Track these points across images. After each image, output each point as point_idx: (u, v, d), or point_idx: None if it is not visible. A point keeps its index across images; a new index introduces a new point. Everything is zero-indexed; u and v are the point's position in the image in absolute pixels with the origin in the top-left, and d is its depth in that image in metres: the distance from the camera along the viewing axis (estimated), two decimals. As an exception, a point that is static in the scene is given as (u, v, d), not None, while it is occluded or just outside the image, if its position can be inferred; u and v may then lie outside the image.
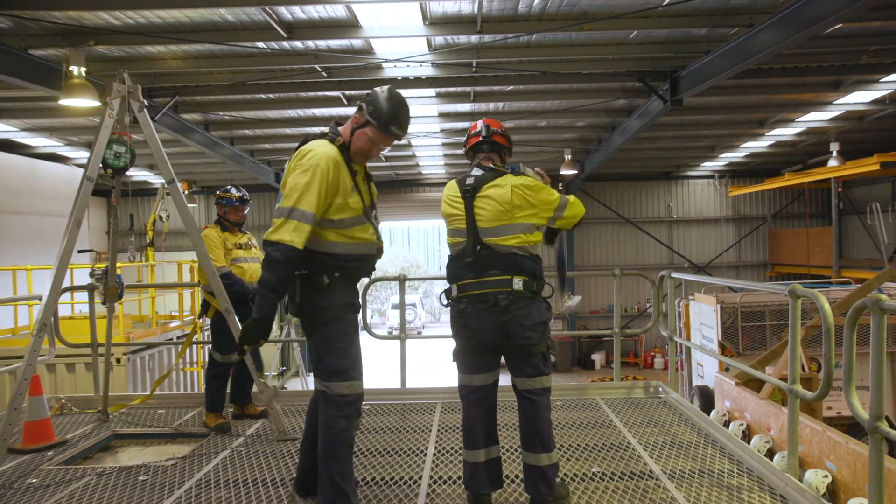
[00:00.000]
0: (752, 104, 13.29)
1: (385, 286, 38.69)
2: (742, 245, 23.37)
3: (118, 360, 9.95)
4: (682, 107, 10.92)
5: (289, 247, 3.07)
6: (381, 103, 3.24)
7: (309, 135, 3.41)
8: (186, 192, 18.76)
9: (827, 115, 14.04)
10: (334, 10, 7.92)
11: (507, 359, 3.59)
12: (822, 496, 4.55)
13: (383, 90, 3.30)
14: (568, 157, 16.19)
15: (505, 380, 3.74)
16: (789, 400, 3.83)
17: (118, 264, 5.57)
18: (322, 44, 9.04)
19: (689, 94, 10.41)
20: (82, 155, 16.39)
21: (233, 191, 5.68)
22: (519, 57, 9.74)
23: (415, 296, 37.62)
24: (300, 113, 13.05)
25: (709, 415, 6.54)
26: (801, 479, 4.59)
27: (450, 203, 3.66)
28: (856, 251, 20.26)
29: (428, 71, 10.44)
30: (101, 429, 5.37)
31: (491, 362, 3.62)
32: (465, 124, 14.07)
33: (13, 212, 14.94)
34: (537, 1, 7.85)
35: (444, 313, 37.21)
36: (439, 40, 9.13)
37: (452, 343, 3.69)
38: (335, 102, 12.12)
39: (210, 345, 5.53)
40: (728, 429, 6.73)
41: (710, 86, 9.91)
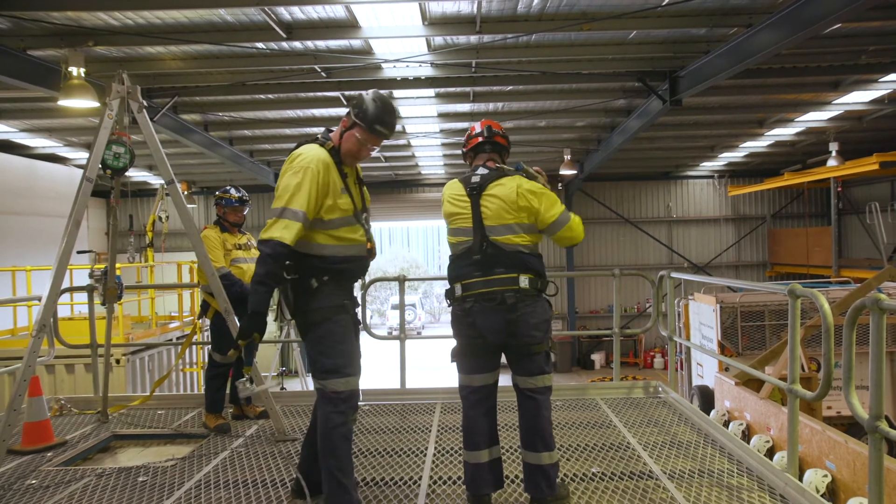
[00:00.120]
0: (751, 104, 13.31)
1: (384, 286, 38.69)
2: (741, 245, 23.39)
3: (118, 361, 9.95)
4: (682, 107, 10.93)
5: (278, 242, 3.18)
6: (367, 105, 3.35)
7: (302, 140, 3.54)
8: (186, 192, 18.79)
9: (826, 115, 14.05)
10: (333, 11, 7.92)
11: (510, 357, 3.58)
12: (821, 496, 4.55)
13: (369, 93, 3.41)
14: (567, 157, 16.19)
15: (502, 380, 3.74)
16: (789, 400, 3.83)
17: (117, 265, 5.56)
18: (321, 44, 9.04)
19: (688, 94, 10.42)
20: (81, 156, 16.39)
21: (232, 191, 5.68)
22: (518, 57, 9.74)
23: (414, 296, 37.61)
24: (299, 113, 13.05)
25: (708, 415, 6.54)
26: (800, 479, 4.60)
27: (453, 202, 3.64)
28: (855, 251, 20.28)
29: (427, 71, 10.44)
30: (101, 430, 5.36)
31: (492, 362, 3.62)
32: (465, 125, 14.06)
33: (12, 212, 14.93)
34: (536, 1, 7.85)
35: (444, 313, 37.39)
36: (438, 40, 9.13)
37: (452, 343, 3.68)
38: (334, 103, 12.12)
39: (210, 345, 5.52)
40: (728, 429, 6.74)
41: (709, 86, 9.92)
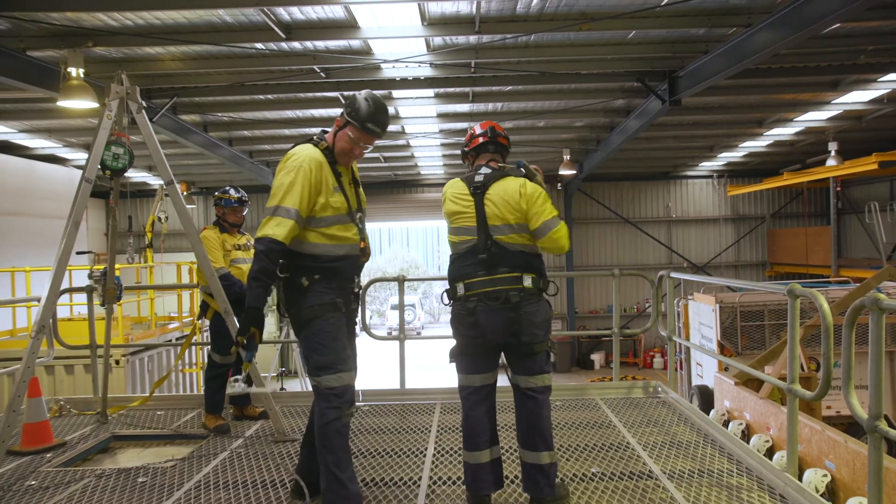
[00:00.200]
0: (750, 104, 13.31)
1: (384, 287, 38.69)
2: (741, 245, 23.40)
3: (117, 362, 9.95)
4: (681, 107, 10.93)
5: (270, 239, 3.27)
6: (359, 104, 3.43)
7: (300, 140, 3.61)
8: (185, 193, 18.79)
9: (825, 115, 14.05)
10: (333, 11, 7.92)
11: (510, 357, 3.57)
12: (821, 495, 4.56)
13: (362, 93, 3.48)
14: (566, 157, 16.19)
15: (498, 381, 3.74)
16: (788, 399, 3.83)
17: (117, 266, 5.56)
18: (320, 44, 9.04)
19: (687, 94, 10.42)
20: (81, 156, 16.39)
21: (231, 192, 5.68)
22: (517, 57, 9.74)
23: (414, 296, 37.60)
24: (299, 114, 13.05)
25: (708, 414, 6.55)
26: (800, 479, 4.60)
27: (455, 201, 3.62)
28: (854, 250, 20.29)
29: (426, 71, 10.44)
30: (100, 430, 5.36)
31: (492, 362, 3.61)
32: (464, 125, 14.05)
33: (11, 213, 14.92)
34: (536, 1, 7.85)
35: (444, 314, 37.32)
36: (438, 41, 9.13)
37: (452, 344, 3.68)
38: (334, 103, 12.12)
39: (209, 346, 5.52)
40: (727, 428, 6.75)
41: (708, 86, 9.92)
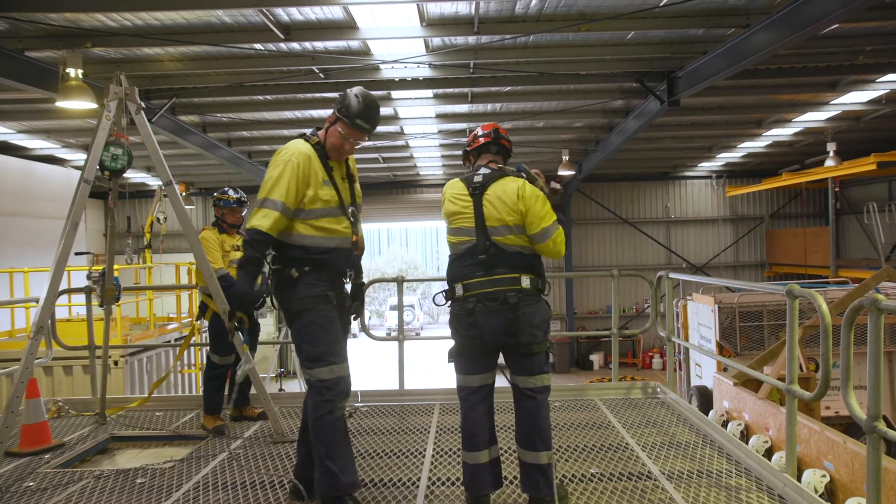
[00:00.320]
0: (749, 104, 13.32)
1: (383, 287, 38.69)
2: (739, 245, 23.42)
3: (116, 363, 9.94)
4: (680, 107, 10.94)
5: (255, 230, 3.39)
6: (350, 101, 3.50)
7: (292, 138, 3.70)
8: (184, 193, 18.77)
9: (824, 116, 14.07)
10: (331, 12, 7.92)
11: (508, 357, 3.57)
12: (820, 496, 4.56)
13: (353, 90, 3.54)
14: (565, 157, 16.20)
15: (496, 381, 3.74)
16: (787, 400, 3.83)
17: (115, 266, 5.55)
18: (319, 45, 9.04)
19: (686, 95, 10.42)
20: (79, 157, 16.38)
21: (230, 192, 5.68)
22: (516, 58, 9.75)
23: (413, 297, 37.60)
24: (297, 114, 13.04)
25: (707, 415, 6.54)
26: (799, 479, 4.60)
27: (454, 201, 3.62)
28: (853, 251, 20.30)
29: (425, 72, 10.44)
30: (99, 431, 5.35)
31: (491, 362, 3.61)
32: (463, 125, 14.06)
33: (10, 214, 14.91)
34: (534, 2, 7.86)
35: (443, 314, 37.26)
36: (436, 41, 9.13)
37: (450, 344, 3.67)
38: (332, 104, 12.04)
39: (208, 347, 5.52)
40: (726, 429, 6.75)
41: (707, 86, 9.92)
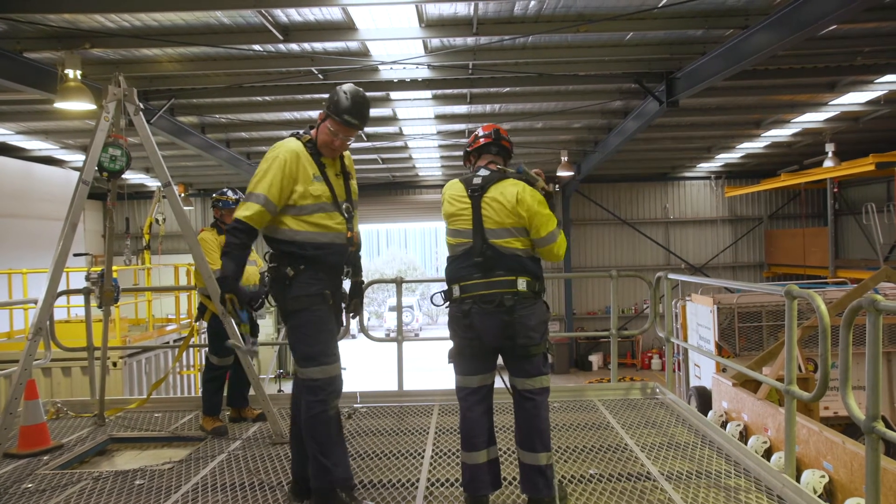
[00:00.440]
0: (747, 105, 13.34)
1: (382, 288, 38.66)
2: (738, 246, 23.43)
3: (114, 364, 9.93)
4: (679, 108, 10.95)
5: (237, 220, 3.51)
6: (338, 97, 3.55)
7: None
8: (182, 194, 18.76)
9: (822, 116, 14.09)
10: (330, 13, 7.92)
11: (507, 359, 3.57)
12: (819, 496, 4.56)
13: (342, 87, 3.59)
14: (564, 158, 16.21)
15: (496, 382, 3.74)
16: (786, 400, 3.84)
17: (114, 267, 5.55)
18: (318, 46, 9.04)
19: (685, 96, 10.44)
20: (78, 158, 16.36)
21: (229, 193, 5.68)
22: (515, 59, 9.75)
23: (412, 298, 37.57)
24: (296, 115, 13.03)
25: (706, 416, 6.55)
26: (798, 480, 4.60)
27: (452, 202, 3.62)
28: (852, 251, 20.31)
29: (424, 73, 10.44)
30: (98, 433, 5.35)
31: (489, 363, 3.61)
32: (462, 126, 14.06)
33: (9, 215, 14.90)
34: (533, 3, 7.86)
35: (442, 315, 37.22)
36: (435, 42, 9.14)
37: (450, 345, 3.68)
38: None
39: (207, 348, 5.52)
40: (725, 430, 6.75)
41: (705, 87, 9.93)
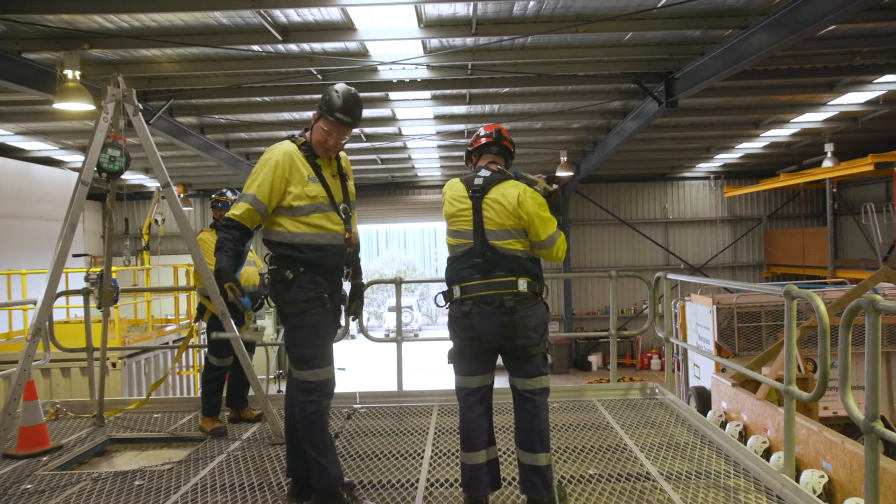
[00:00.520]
0: (746, 105, 13.34)
1: (381, 289, 38.63)
2: (738, 246, 23.44)
3: (114, 365, 9.92)
4: (678, 108, 10.96)
5: (227, 218, 3.63)
6: (330, 97, 3.59)
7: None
8: (182, 195, 18.76)
9: (821, 116, 14.09)
10: (329, 13, 7.92)
11: (507, 359, 3.57)
12: (818, 496, 4.56)
13: (334, 86, 3.64)
14: (564, 158, 16.21)
15: (496, 382, 3.74)
16: (785, 400, 3.84)
17: (113, 268, 5.54)
18: (317, 46, 9.04)
19: (684, 96, 10.44)
20: (77, 159, 16.35)
21: (228, 194, 5.68)
22: (514, 59, 9.75)
23: (411, 298, 37.55)
24: (295, 116, 13.03)
25: (705, 416, 6.55)
26: (797, 480, 4.61)
27: (453, 203, 3.62)
28: (851, 251, 20.32)
29: (423, 73, 10.44)
30: (97, 433, 5.34)
31: (489, 363, 3.62)
32: (461, 127, 14.07)
33: (8, 216, 14.89)
34: (532, 3, 7.86)
35: (441, 315, 37.14)
36: (434, 43, 9.14)
37: (449, 345, 3.68)
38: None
39: (206, 349, 5.51)
40: (725, 430, 6.75)
41: (704, 87, 9.93)
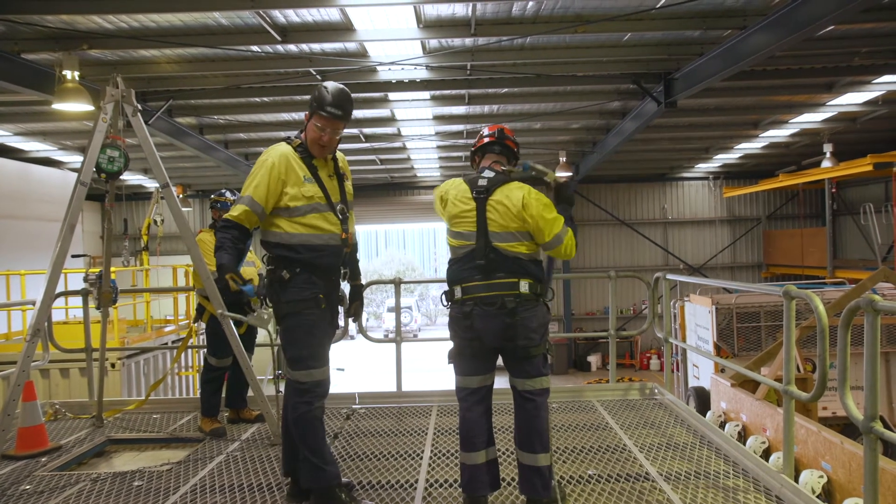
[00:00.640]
0: (745, 106, 13.35)
1: (381, 289, 38.61)
2: (737, 246, 23.45)
3: (113, 365, 9.91)
4: (677, 109, 10.96)
5: (225, 219, 3.69)
6: (320, 93, 3.63)
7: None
8: (181, 196, 18.74)
9: (820, 117, 14.10)
10: (328, 14, 7.92)
11: (507, 360, 3.58)
12: (817, 496, 4.57)
13: (323, 84, 3.67)
14: (563, 159, 16.21)
15: (495, 383, 3.74)
16: (784, 401, 3.84)
17: (112, 268, 5.54)
18: (316, 47, 9.04)
19: (683, 96, 10.44)
20: (76, 159, 16.34)
21: (227, 195, 5.68)
22: (513, 59, 9.76)
23: (410, 299, 37.53)
24: (294, 116, 13.03)
25: (704, 416, 6.55)
26: (796, 480, 4.61)
27: (457, 203, 3.61)
28: (850, 252, 20.33)
29: (422, 74, 10.44)
30: (96, 434, 5.34)
31: (489, 364, 3.62)
32: (460, 127, 14.07)
33: (7, 216, 14.88)
34: (531, 4, 7.86)
35: (440, 316, 37.06)
36: (433, 43, 9.14)
37: (449, 345, 3.68)
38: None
39: (205, 349, 5.51)
40: (724, 430, 6.75)
41: (703, 88, 9.93)
